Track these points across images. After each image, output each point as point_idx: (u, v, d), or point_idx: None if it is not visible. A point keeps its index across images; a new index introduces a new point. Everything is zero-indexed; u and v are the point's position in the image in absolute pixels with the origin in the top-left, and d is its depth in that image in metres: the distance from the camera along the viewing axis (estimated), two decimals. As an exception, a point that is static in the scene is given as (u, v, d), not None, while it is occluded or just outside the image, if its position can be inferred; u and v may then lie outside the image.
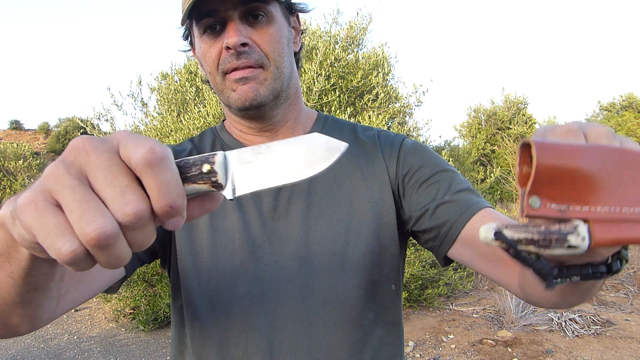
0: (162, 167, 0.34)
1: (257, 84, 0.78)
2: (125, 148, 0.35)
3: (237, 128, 0.89)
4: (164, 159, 0.34)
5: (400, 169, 0.86)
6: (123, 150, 0.35)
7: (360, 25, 4.93)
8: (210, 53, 0.79)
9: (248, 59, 0.76)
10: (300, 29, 0.91)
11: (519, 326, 4.20)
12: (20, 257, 0.42)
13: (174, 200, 0.35)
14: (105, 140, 0.36)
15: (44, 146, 26.64)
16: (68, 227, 0.33)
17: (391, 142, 0.90)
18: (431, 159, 0.85)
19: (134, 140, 0.35)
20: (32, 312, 0.52)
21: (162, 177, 0.34)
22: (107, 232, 0.32)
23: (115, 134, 0.37)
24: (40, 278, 0.46)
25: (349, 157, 0.87)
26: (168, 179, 0.35)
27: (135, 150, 0.34)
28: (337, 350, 0.77)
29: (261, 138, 0.88)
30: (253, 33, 0.77)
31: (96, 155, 0.34)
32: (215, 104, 4.14)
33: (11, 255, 0.43)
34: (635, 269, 5.80)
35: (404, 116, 5.03)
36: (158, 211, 0.35)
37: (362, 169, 0.86)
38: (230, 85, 0.79)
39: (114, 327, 4.83)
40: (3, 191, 10.70)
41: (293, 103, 0.88)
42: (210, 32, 0.78)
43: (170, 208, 0.35)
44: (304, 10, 0.89)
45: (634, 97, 15.31)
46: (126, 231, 0.34)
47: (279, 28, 0.80)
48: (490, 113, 15.67)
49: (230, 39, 0.74)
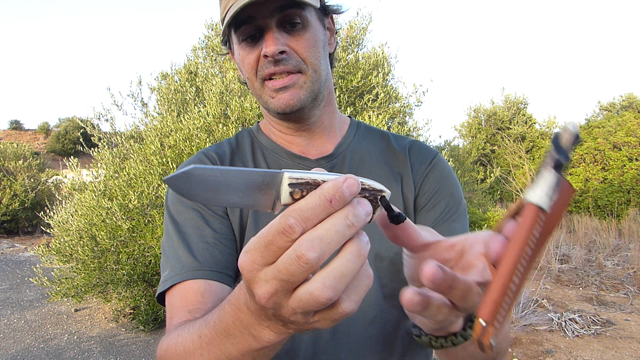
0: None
1: (297, 89, 0.81)
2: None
3: (276, 128, 0.92)
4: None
5: (423, 187, 0.89)
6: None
7: (360, 25, 4.94)
8: (249, 60, 0.81)
9: (286, 65, 0.79)
10: (334, 30, 0.93)
11: (519, 326, 4.19)
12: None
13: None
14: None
15: (44, 146, 26.63)
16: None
17: (424, 156, 0.93)
18: (452, 195, 0.89)
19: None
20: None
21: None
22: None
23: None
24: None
25: (383, 164, 0.90)
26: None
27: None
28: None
29: (299, 138, 0.90)
30: (290, 40, 0.79)
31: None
32: (215, 104, 4.14)
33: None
34: (635, 269, 5.79)
35: (404, 116, 5.03)
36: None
37: (394, 176, 0.89)
38: (269, 93, 0.82)
39: (114, 327, 4.83)
40: (3, 191, 10.69)
41: (327, 104, 0.91)
42: (249, 40, 0.80)
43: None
44: (337, 11, 0.90)
45: (634, 97, 15.31)
46: None
47: (315, 33, 0.82)
48: (490, 113, 15.66)
49: (269, 48, 0.76)
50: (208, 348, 0.53)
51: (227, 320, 0.49)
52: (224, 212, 0.84)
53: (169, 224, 0.84)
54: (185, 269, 0.76)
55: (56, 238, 4.76)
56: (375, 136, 0.96)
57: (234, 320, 0.48)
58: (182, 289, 0.75)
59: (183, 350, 0.58)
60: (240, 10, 0.75)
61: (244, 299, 0.45)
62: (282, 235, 0.36)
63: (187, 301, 0.72)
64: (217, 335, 0.51)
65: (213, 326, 0.52)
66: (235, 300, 0.48)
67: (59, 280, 4.63)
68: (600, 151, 9.54)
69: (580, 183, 9.48)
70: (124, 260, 4.22)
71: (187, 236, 0.80)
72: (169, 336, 0.64)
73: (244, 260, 0.38)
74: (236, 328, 0.48)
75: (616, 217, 8.66)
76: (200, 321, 0.58)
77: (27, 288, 6.33)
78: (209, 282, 0.75)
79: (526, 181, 10.80)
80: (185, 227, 0.81)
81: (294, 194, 0.40)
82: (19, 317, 5.18)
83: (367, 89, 4.62)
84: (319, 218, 0.37)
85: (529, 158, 13.09)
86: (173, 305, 0.75)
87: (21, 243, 10.23)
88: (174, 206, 0.85)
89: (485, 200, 7.74)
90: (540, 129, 15.37)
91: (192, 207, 0.83)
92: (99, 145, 4.85)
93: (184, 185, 0.41)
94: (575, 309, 4.61)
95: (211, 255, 0.78)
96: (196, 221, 0.81)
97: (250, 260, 0.38)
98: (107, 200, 4.24)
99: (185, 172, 0.41)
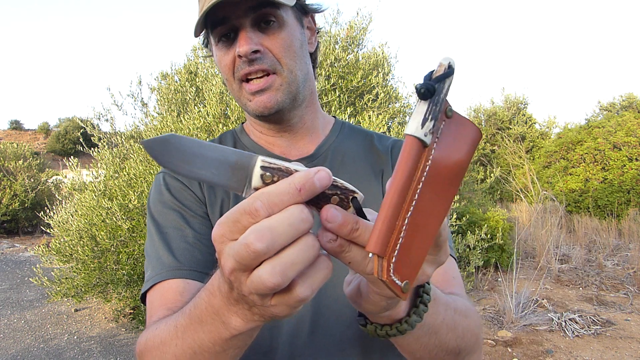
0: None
1: (274, 92, 0.80)
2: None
3: (258, 129, 0.92)
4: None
5: None
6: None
7: (360, 25, 4.93)
8: (225, 61, 0.81)
9: (260, 65, 0.78)
10: (315, 29, 0.92)
11: (519, 326, 4.19)
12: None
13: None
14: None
15: (44, 146, 26.62)
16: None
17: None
18: None
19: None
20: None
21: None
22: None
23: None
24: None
25: (365, 164, 0.90)
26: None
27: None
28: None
29: (280, 139, 0.90)
30: (265, 39, 0.78)
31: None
32: (215, 104, 4.14)
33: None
34: (635, 269, 5.79)
35: (403, 116, 5.03)
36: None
37: (376, 174, 0.89)
38: (246, 95, 0.81)
39: (114, 327, 4.83)
40: (3, 191, 10.69)
41: (309, 105, 0.90)
42: (224, 40, 0.80)
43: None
44: (317, 10, 0.90)
45: (634, 97, 15.30)
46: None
47: (291, 32, 0.81)
48: (490, 113, 15.66)
49: (242, 48, 0.76)
50: (182, 337, 0.54)
51: (201, 307, 0.51)
52: (204, 212, 0.84)
53: (150, 224, 0.84)
54: (165, 269, 0.76)
55: (56, 238, 4.75)
56: (359, 136, 0.96)
57: (207, 306, 0.49)
58: (162, 288, 0.75)
59: (160, 342, 0.58)
60: (215, 11, 0.75)
61: (217, 282, 0.47)
62: (247, 215, 0.38)
63: (166, 299, 0.73)
64: (191, 323, 0.52)
65: (188, 314, 0.53)
66: (210, 285, 0.49)
67: (59, 280, 4.63)
68: (600, 151, 9.53)
69: (580, 183, 9.47)
70: (124, 260, 4.22)
71: (167, 236, 0.80)
72: (147, 331, 0.65)
73: (216, 232, 0.40)
74: (208, 314, 0.49)
75: (616, 217, 8.65)
76: (177, 312, 0.59)
77: (27, 288, 6.33)
78: (188, 281, 0.75)
79: (526, 181, 10.81)
80: (166, 227, 0.81)
81: (265, 177, 0.41)
82: (19, 317, 5.18)
83: (367, 89, 4.62)
84: (285, 205, 0.38)
85: (529, 158, 13.08)
86: (153, 304, 0.75)
87: (21, 243, 10.22)
88: (155, 207, 0.85)
89: (485, 200, 7.74)
90: (540, 129, 15.37)
91: (173, 208, 0.83)
92: (99, 145, 4.85)
93: (161, 151, 0.43)
94: (575, 309, 4.61)
95: (191, 255, 0.78)
96: (177, 222, 0.81)
97: (220, 233, 0.40)
98: (107, 200, 4.23)
99: (164, 138, 0.43)
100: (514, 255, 5.59)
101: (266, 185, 0.41)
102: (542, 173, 10.81)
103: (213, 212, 0.84)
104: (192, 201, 0.84)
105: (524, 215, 8.88)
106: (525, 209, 9.17)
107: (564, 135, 11.20)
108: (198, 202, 0.85)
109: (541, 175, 10.75)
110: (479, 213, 5.94)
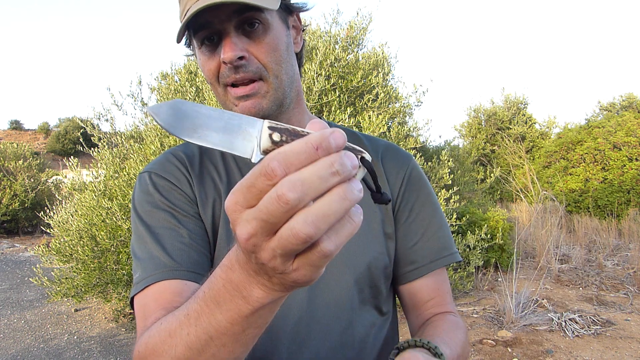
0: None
1: (259, 99, 0.78)
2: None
3: None
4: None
5: (402, 195, 0.92)
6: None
7: (360, 25, 4.93)
8: (209, 66, 0.79)
9: (246, 72, 0.76)
10: (301, 27, 0.90)
11: (519, 326, 4.19)
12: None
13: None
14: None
15: (44, 146, 26.62)
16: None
17: (399, 163, 0.94)
18: (428, 197, 0.94)
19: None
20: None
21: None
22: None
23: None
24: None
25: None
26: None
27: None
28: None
29: None
30: (250, 44, 0.76)
31: None
32: (215, 104, 4.14)
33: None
34: (635, 269, 5.79)
35: (404, 116, 5.03)
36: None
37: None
38: (232, 100, 0.80)
39: (114, 327, 4.83)
40: (3, 191, 10.69)
41: (296, 105, 0.89)
42: (208, 43, 0.78)
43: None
44: (303, 9, 0.87)
45: (634, 97, 15.30)
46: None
47: (277, 35, 0.79)
48: (490, 113, 15.66)
49: (227, 54, 0.74)
50: (196, 324, 0.50)
51: (217, 285, 0.48)
52: (196, 212, 0.82)
53: (138, 225, 0.80)
54: (160, 269, 0.73)
55: (56, 238, 4.76)
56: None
57: (225, 283, 0.47)
58: (157, 289, 0.71)
59: (167, 335, 0.54)
60: (197, 15, 0.73)
61: (235, 255, 0.45)
62: (263, 177, 0.36)
63: (164, 301, 0.69)
64: (206, 305, 0.49)
65: (202, 297, 0.50)
66: (227, 260, 0.47)
67: (59, 280, 4.63)
68: (600, 151, 9.53)
69: (580, 183, 9.47)
70: (124, 260, 4.22)
71: (160, 237, 0.77)
72: (146, 333, 0.60)
73: (229, 201, 0.39)
74: (227, 291, 0.46)
75: (616, 217, 8.65)
76: (186, 302, 0.55)
77: (27, 288, 6.33)
78: (186, 282, 0.72)
79: (526, 181, 10.81)
80: (157, 227, 0.78)
81: (273, 136, 0.41)
82: (19, 317, 5.18)
83: (367, 89, 4.62)
84: (302, 164, 0.36)
85: (529, 158, 13.08)
86: (147, 307, 0.70)
87: (21, 243, 10.22)
88: (143, 207, 0.81)
89: (485, 200, 7.74)
90: (540, 129, 15.37)
91: (163, 209, 0.80)
92: (99, 145, 4.85)
93: (168, 115, 0.42)
94: (575, 309, 4.61)
95: (188, 255, 0.76)
96: (169, 222, 0.79)
97: (233, 201, 0.38)
98: (107, 200, 4.23)
99: (172, 103, 0.43)
100: (514, 255, 5.59)
101: (275, 147, 0.40)
102: (542, 173, 10.81)
103: (205, 212, 0.82)
104: (183, 201, 0.82)
105: (524, 215, 8.88)
106: (525, 209, 9.17)
107: (564, 135, 11.20)
108: (189, 202, 0.82)
109: (541, 175, 10.75)
110: (479, 213, 5.94)
